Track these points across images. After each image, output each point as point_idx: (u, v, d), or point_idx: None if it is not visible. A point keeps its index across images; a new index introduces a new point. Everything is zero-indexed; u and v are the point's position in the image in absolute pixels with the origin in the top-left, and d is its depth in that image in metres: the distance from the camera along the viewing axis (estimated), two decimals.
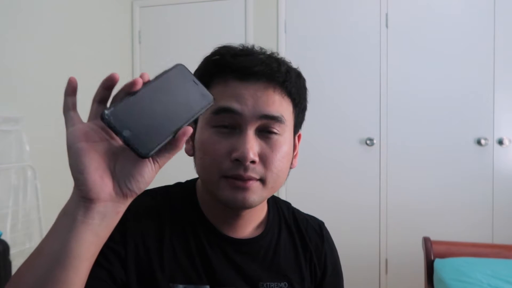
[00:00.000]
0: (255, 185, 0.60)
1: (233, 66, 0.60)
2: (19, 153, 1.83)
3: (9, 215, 1.74)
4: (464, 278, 1.48)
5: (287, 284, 0.68)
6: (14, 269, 1.58)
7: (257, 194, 0.60)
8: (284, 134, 0.62)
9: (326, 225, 0.80)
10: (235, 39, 2.89)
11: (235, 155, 0.58)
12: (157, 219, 0.65)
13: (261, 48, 0.65)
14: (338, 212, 2.52)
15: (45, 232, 1.98)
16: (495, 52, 2.35)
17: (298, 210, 0.79)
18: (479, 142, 2.35)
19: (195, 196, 0.70)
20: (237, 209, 0.63)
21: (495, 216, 2.35)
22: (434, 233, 2.01)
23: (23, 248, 1.80)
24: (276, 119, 0.60)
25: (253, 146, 0.58)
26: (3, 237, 1.59)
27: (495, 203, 2.35)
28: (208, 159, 0.60)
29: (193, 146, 0.65)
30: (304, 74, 0.67)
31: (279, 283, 0.67)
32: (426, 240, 1.79)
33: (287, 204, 0.79)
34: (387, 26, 2.48)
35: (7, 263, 1.53)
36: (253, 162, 0.58)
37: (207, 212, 0.67)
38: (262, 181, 0.60)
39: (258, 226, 0.70)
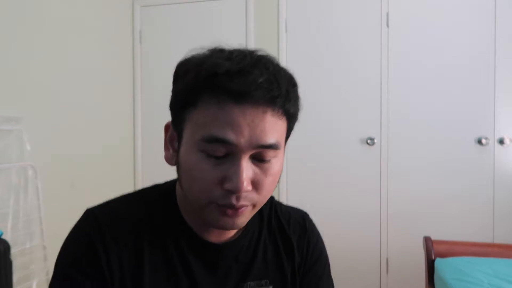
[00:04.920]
0: (246, 210, 0.58)
1: (228, 88, 0.53)
2: (19, 153, 1.84)
3: (10, 214, 1.75)
4: (465, 277, 1.48)
5: (268, 282, 0.68)
6: (14, 268, 1.59)
7: (246, 217, 0.60)
8: (277, 156, 0.59)
9: (327, 224, 0.81)
10: (236, 39, 2.90)
11: (228, 186, 0.55)
12: (134, 230, 0.63)
13: (257, 60, 0.57)
14: (338, 211, 2.52)
15: (45, 232, 2.00)
16: (495, 51, 2.35)
17: (280, 205, 0.77)
18: (480, 142, 2.35)
19: (175, 200, 0.67)
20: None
21: (496, 216, 2.35)
22: (435, 233, 2.01)
23: (23, 248, 1.80)
24: (272, 147, 0.56)
25: (247, 176, 0.55)
26: (4, 237, 1.59)
27: (496, 202, 2.35)
28: (196, 185, 0.57)
29: (176, 157, 0.62)
30: (305, 73, 0.67)
31: (259, 281, 0.67)
32: (427, 240, 1.79)
33: (269, 199, 0.76)
34: (387, 26, 2.48)
35: (8, 263, 1.53)
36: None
37: (188, 218, 0.65)
38: (253, 205, 0.59)
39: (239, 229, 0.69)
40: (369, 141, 2.48)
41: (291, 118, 0.60)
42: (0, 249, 1.49)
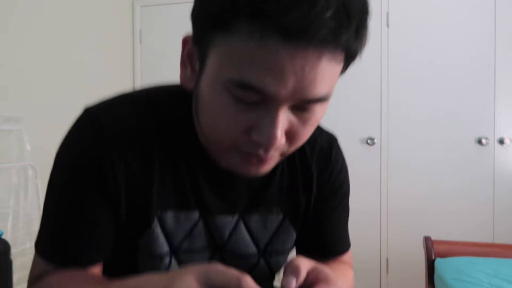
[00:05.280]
0: (273, 159, 0.49)
1: (279, 22, 0.37)
2: (20, 153, 1.84)
3: (10, 214, 1.75)
4: (465, 277, 1.48)
5: (279, 209, 0.64)
6: (15, 268, 1.59)
7: (272, 165, 0.51)
8: (323, 104, 0.46)
9: None
10: None
11: (257, 138, 0.44)
12: (142, 140, 0.54)
13: None
14: None
15: None
16: (495, 51, 2.35)
17: None
18: (480, 142, 2.34)
19: (190, 113, 0.56)
20: None
21: (496, 216, 2.35)
22: (435, 233, 2.01)
23: (23, 248, 1.80)
24: (319, 100, 0.44)
25: (283, 129, 0.44)
26: (4, 237, 1.59)
27: (496, 202, 2.35)
28: (217, 129, 0.47)
29: (195, 81, 0.50)
30: None
31: (270, 208, 0.63)
32: (427, 240, 1.79)
33: None
34: (388, 26, 2.48)
35: (8, 263, 1.53)
36: None
37: (202, 136, 0.56)
38: (282, 154, 0.50)
39: None
40: (369, 141, 2.48)
41: (352, 58, 0.46)
42: (0, 249, 1.49)
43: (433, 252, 1.74)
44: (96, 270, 0.57)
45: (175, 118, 0.57)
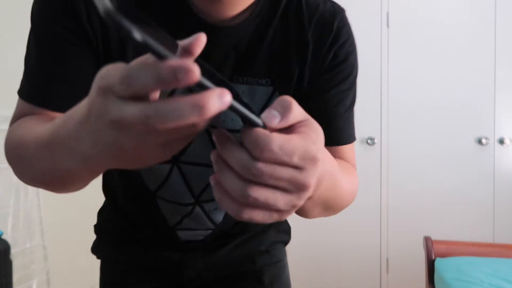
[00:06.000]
0: None
1: None
2: None
3: (10, 214, 1.75)
4: (465, 277, 1.48)
5: (269, 82, 0.58)
6: (15, 268, 1.59)
7: None
8: None
9: (327, 225, 0.75)
10: None
11: None
12: None
13: None
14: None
15: (45, 232, 1.97)
16: (496, 51, 2.35)
17: None
18: (480, 142, 2.35)
19: None
20: None
21: (496, 216, 2.35)
22: (435, 233, 2.01)
23: (23, 248, 1.80)
24: None
25: None
26: (4, 237, 1.59)
27: (496, 202, 2.35)
28: None
29: None
30: None
31: (259, 79, 0.57)
32: (427, 240, 1.79)
33: None
34: (388, 26, 2.48)
35: (8, 263, 1.53)
36: None
37: None
38: None
39: (246, 10, 0.54)
40: (369, 141, 2.48)
41: None
42: (0, 249, 1.50)
43: (433, 252, 1.75)
44: None
45: None
